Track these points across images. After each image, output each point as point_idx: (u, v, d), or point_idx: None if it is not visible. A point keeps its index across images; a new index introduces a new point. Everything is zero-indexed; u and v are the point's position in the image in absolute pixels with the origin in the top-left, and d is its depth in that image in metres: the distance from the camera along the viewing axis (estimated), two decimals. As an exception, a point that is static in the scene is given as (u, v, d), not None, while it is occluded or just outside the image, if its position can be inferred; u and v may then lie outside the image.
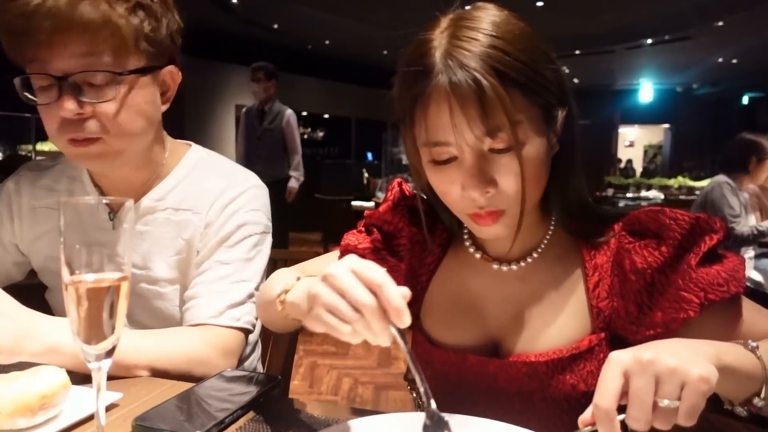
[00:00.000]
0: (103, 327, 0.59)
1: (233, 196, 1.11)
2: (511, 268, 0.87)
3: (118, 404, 0.78)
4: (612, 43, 9.51)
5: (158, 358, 0.91)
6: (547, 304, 0.84)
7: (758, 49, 9.78)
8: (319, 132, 12.36)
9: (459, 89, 0.69)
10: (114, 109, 0.98)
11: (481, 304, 0.89)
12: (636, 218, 0.81)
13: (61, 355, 0.83)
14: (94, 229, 0.58)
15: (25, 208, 1.17)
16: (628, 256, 0.79)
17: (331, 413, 0.77)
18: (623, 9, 7.80)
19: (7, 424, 0.67)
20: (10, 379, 0.69)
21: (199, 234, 1.09)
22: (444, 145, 0.74)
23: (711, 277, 0.73)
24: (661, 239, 0.77)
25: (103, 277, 0.58)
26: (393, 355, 3.86)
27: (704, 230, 0.75)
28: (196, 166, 1.16)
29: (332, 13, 8.31)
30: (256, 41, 9.91)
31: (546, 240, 0.87)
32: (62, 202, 0.57)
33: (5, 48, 0.95)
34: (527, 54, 0.72)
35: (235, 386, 0.82)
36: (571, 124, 0.81)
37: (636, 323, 0.78)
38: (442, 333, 0.90)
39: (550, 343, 0.82)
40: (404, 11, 7.67)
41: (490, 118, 0.69)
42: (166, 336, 0.96)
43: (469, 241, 0.92)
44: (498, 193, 0.74)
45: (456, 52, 0.70)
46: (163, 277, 1.10)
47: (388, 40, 9.44)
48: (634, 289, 0.78)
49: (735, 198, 3.29)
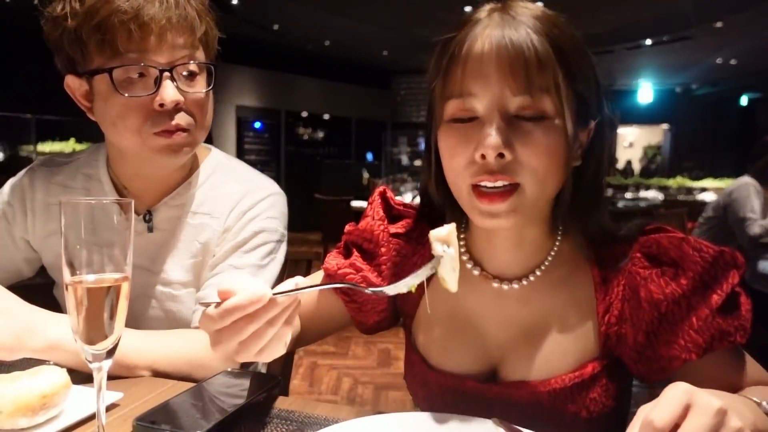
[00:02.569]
0: (103, 327, 0.59)
1: (252, 202, 1.11)
2: (512, 287, 0.82)
3: (119, 404, 0.78)
4: (611, 44, 9.50)
5: (160, 359, 0.91)
6: (551, 327, 0.80)
7: (757, 49, 9.78)
8: (319, 132, 12.34)
9: (509, 40, 0.67)
10: (205, 99, 1.03)
11: (478, 323, 0.84)
12: (656, 242, 0.77)
13: (63, 351, 0.83)
14: (105, 229, 0.58)
15: (38, 204, 1.16)
16: (645, 284, 0.75)
17: (331, 413, 0.77)
18: (622, 9, 7.80)
19: (8, 423, 0.67)
20: (11, 378, 0.70)
21: (216, 238, 1.10)
22: (474, 97, 0.70)
23: (725, 325, 0.70)
24: (680, 269, 0.73)
25: (103, 278, 0.58)
26: (393, 355, 3.86)
27: (728, 265, 0.72)
28: (215, 170, 1.16)
29: (332, 13, 8.31)
30: (256, 42, 9.90)
31: (550, 258, 0.82)
32: (63, 202, 0.57)
33: (82, 40, 0.94)
34: (574, 41, 0.71)
35: (235, 386, 0.82)
36: (601, 141, 0.77)
37: (640, 351, 0.76)
38: (438, 354, 0.86)
39: (552, 368, 0.78)
40: (404, 11, 7.68)
41: (533, 76, 0.67)
42: (169, 337, 0.96)
43: (466, 255, 0.87)
44: (514, 162, 0.69)
45: (507, 8, 0.71)
46: (178, 280, 1.10)
47: (388, 40, 9.44)
48: (647, 318, 0.74)
49: (758, 200, 3.26)
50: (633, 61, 11.21)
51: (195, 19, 1.00)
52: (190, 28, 0.99)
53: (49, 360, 0.84)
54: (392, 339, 4.12)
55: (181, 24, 0.97)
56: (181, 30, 0.97)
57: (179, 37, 0.97)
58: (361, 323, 0.95)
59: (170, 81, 0.97)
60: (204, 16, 1.02)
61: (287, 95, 11.40)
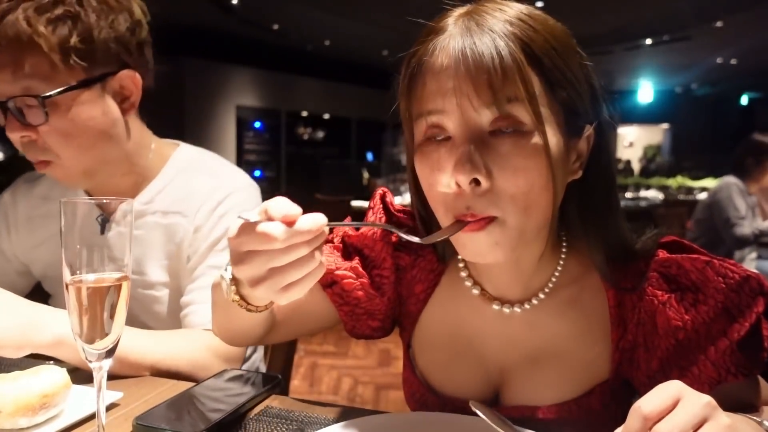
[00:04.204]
0: (103, 327, 0.59)
1: (221, 198, 1.08)
2: (515, 310, 0.77)
3: (119, 404, 0.78)
4: (611, 44, 9.50)
5: (163, 359, 0.91)
6: (559, 351, 0.75)
7: (757, 49, 9.78)
8: (319, 132, 12.35)
9: (470, 50, 0.61)
10: (53, 131, 0.94)
11: (480, 346, 0.79)
12: (677, 263, 0.70)
13: (68, 347, 0.83)
14: (89, 231, 0.58)
15: (21, 218, 1.18)
16: (663, 310, 0.69)
17: (331, 413, 0.77)
18: (622, 9, 7.80)
19: (8, 423, 0.67)
20: (12, 378, 0.70)
21: (188, 239, 1.07)
22: (439, 115, 0.64)
23: (744, 359, 0.65)
24: (701, 294, 0.67)
25: (103, 277, 0.58)
26: (393, 355, 3.85)
27: (754, 292, 0.65)
28: (183, 167, 1.13)
29: (332, 13, 8.31)
30: (256, 42, 9.90)
31: (554, 279, 0.76)
32: (63, 202, 0.57)
33: None
34: (556, 40, 0.64)
35: (235, 386, 0.82)
36: (603, 149, 0.71)
37: (651, 377, 0.71)
38: (438, 376, 0.82)
39: (558, 393, 0.74)
40: (404, 11, 7.66)
41: (501, 86, 0.60)
42: (171, 338, 0.96)
43: (465, 272, 0.81)
44: (491, 192, 0.63)
45: (475, 13, 0.64)
46: (158, 281, 1.09)
47: (388, 40, 9.43)
48: (663, 345, 0.69)
49: (742, 200, 3.28)
50: (633, 61, 11.21)
51: (17, 44, 0.87)
52: (10, 54, 0.88)
53: (54, 356, 0.84)
54: (392, 339, 4.08)
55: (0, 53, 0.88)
56: (1, 60, 0.89)
57: (1, 69, 0.89)
58: (350, 327, 0.89)
59: (12, 116, 0.92)
60: (50, 30, 0.89)
61: (287, 95, 11.40)
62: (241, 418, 0.75)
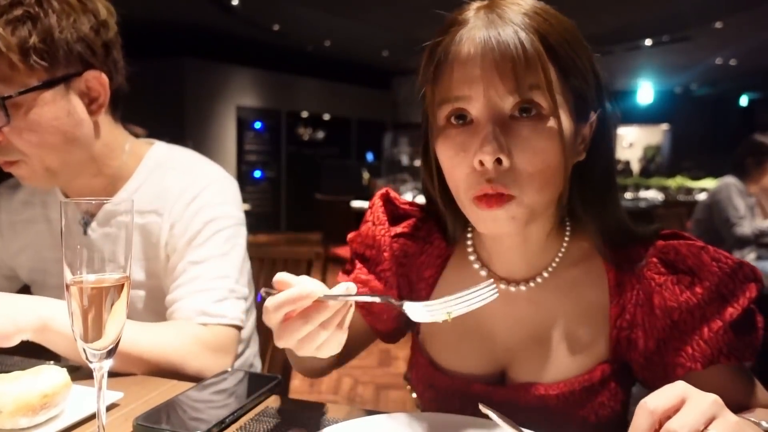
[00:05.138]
0: (104, 327, 0.59)
1: (195, 193, 1.08)
2: (520, 288, 0.81)
3: (119, 404, 0.78)
4: (611, 44, 9.50)
5: (151, 349, 0.91)
6: (561, 329, 0.79)
7: (757, 50, 9.78)
8: (319, 132, 12.35)
9: (495, 40, 0.66)
10: (17, 131, 0.94)
11: (488, 326, 0.83)
12: (674, 248, 0.74)
13: (55, 332, 0.83)
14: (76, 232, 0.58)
15: (4, 224, 1.20)
16: (659, 291, 0.73)
17: (331, 413, 0.77)
18: (622, 10, 7.80)
19: (8, 423, 0.67)
20: (12, 378, 0.70)
21: (165, 237, 1.07)
22: (465, 101, 0.69)
23: (736, 341, 0.69)
24: (697, 278, 0.72)
25: (104, 278, 0.58)
26: (393, 355, 3.86)
27: (747, 278, 0.70)
28: (157, 165, 1.12)
29: (332, 14, 8.31)
30: (256, 42, 9.91)
31: (558, 259, 0.81)
32: (63, 202, 0.57)
33: None
34: (568, 33, 0.70)
35: (235, 386, 0.83)
36: (605, 135, 0.76)
37: (648, 357, 0.75)
38: (445, 356, 0.85)
39: (561, 371, 0.78)
40: (404, 12, 7.68)
41: (524, 74, 0.66)
42: (159, 329, 0.96)
43: (474, 256, 0.85)
44: (511, 170, 0.68)
45: (496, 7, 0.69)
46: (140, 281, 1.10)
47: (388, 41, 9.45)
48: (659, 326, 0.73)
49: (741, 200, 3.28)
50: (633, 61, 11.22)
51: None
52: None
53: (45, 345, 0.84)
54: (392, 339, 4.12)
55: None
56: None
57: None
58: (381, 333, 0.93)
59: None
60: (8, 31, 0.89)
61: (287, 95, 11.40)
62: (241, 419, 0.75)
